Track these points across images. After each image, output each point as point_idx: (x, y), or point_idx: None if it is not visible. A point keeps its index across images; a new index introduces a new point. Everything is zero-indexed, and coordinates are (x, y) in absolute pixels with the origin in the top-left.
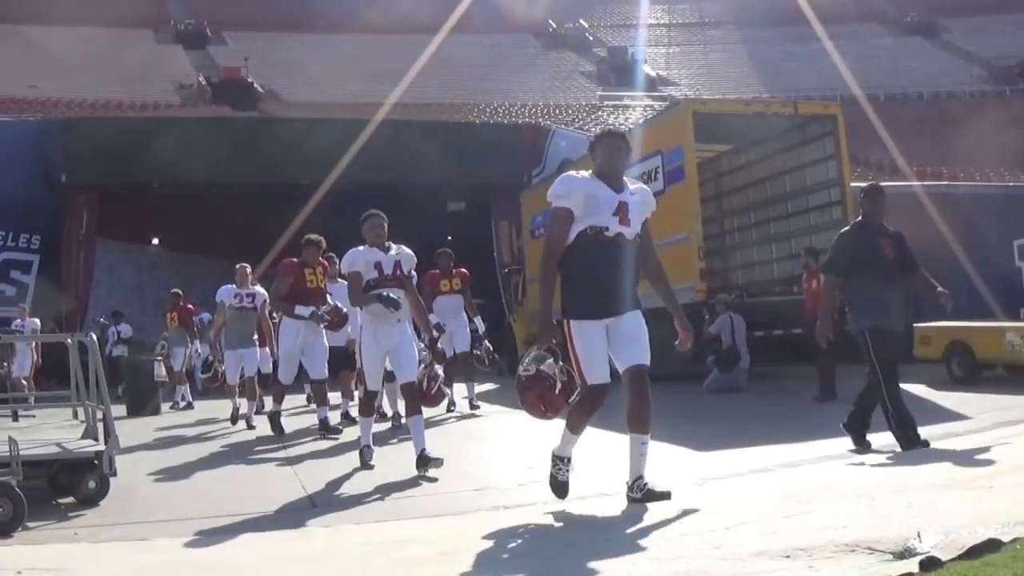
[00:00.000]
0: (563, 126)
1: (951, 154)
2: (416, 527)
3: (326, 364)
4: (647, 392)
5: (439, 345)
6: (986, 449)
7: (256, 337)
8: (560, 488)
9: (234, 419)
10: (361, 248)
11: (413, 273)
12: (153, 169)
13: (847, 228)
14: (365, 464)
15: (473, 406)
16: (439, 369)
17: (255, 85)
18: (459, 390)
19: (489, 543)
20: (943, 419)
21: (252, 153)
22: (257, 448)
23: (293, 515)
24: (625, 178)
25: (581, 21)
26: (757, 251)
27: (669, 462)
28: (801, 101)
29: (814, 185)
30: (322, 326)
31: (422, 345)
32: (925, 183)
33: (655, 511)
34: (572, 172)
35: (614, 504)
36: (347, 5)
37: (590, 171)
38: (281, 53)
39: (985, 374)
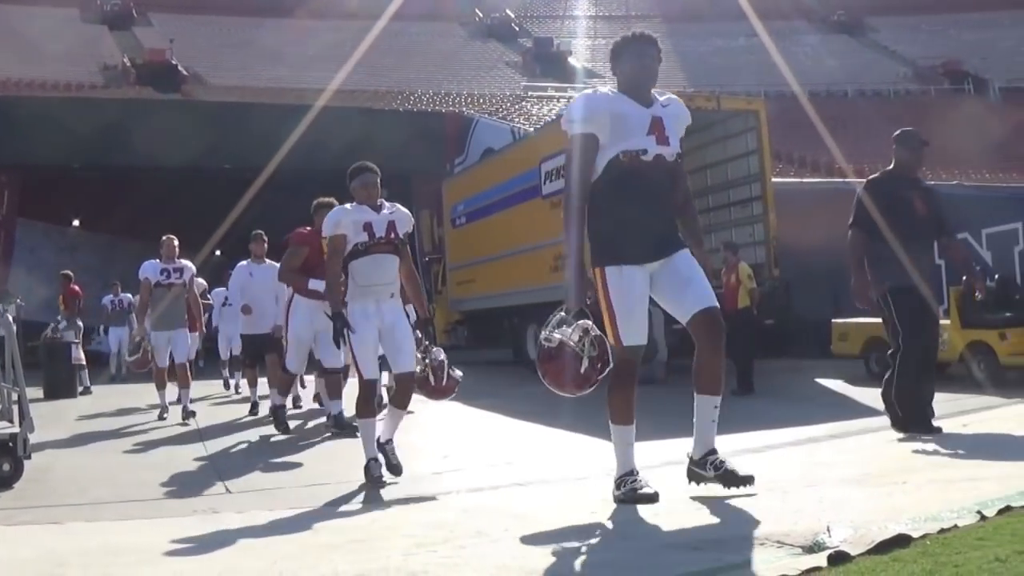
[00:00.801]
0: (487, 116)
1: (875, 152)
2: (329, 514)
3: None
4: (722, 341)
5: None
6: (900, 445)
7: (188, 319)
8: (649, 499)
9: (163, 414)
10: (348, 206)
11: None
12: (75, 150)
13: (875, 176)
14: (374, 480)
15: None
16: (440, 353)
17: (179, 68)
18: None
19: (400, 532)
20: (859, 414)
21: (174, 136)
22: (174, 435)
23: (207, 501)
24: (653, 91)
25: (508, 11)
26: None
27: (583, 452)
28: (724, 96)
29: (735, 180)
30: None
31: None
32: (847, 180)
33: (566, 502)
34: (590, 91)
35: (528, 493)
36: None
37: (610, 88)
38: (207, 37)
39: None
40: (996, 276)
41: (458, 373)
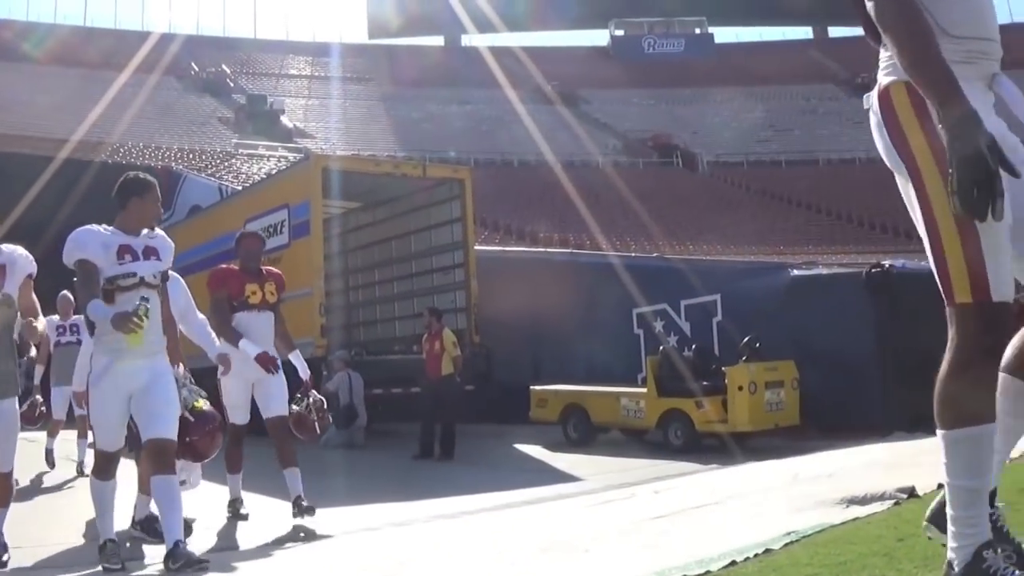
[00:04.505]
0: (195, 172)
1: (578, 222)
2: None
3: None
4: None
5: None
6: (593, 511)
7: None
8: None
9: None
10: None
11: None
12: None
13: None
14: None
15: (239, 514)
16: None
17: None
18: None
19: None
20: (554, 480)
21: None
22: None
23: None
24: None
25: (223, 66)
26: (380, 309)
27: (273, 519)
28: (431, 164)
29: (439, 247)
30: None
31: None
32: (550, 250)
33: (252, 571)
34: None
35: (218, 561)
36: None
37: None
38: None
39: (601, 436)
40: (694, 346)
41: None
